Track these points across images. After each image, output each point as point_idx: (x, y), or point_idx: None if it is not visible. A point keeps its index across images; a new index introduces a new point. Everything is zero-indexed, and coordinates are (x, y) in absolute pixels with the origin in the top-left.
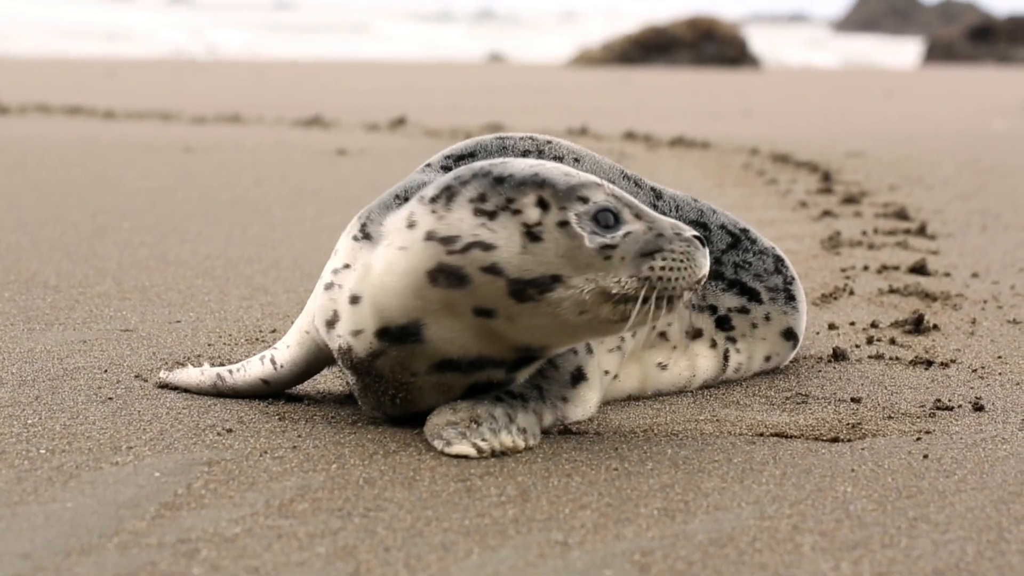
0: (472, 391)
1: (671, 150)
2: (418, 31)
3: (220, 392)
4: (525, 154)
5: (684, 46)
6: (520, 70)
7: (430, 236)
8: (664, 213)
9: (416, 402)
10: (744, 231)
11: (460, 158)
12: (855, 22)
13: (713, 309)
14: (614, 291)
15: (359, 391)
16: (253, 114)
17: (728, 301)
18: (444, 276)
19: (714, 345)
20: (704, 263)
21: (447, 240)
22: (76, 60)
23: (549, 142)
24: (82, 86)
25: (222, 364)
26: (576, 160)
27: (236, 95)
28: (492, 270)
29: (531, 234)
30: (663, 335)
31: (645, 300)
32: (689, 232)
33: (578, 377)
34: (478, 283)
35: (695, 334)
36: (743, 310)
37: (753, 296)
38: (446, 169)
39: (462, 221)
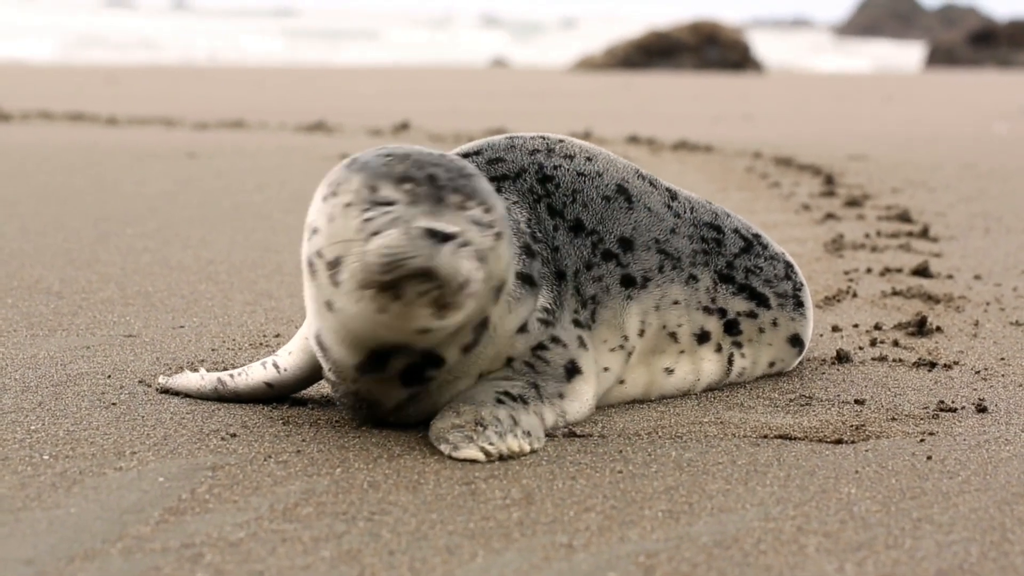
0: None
1: (674, 154)
2: (421, 36)
3: (221, 396)
4: (534, 153)
5: (686, 51)
6: (523, 75)
7: (306, 227)
8: (678, 215)
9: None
10: (756, 236)
11: (465, 156)
12: (857, 27)
13: (722, 312)
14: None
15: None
16: (256, 120)
17: (737, 305)
18: (307, 266)
19: (719, 349)
20: (418, 251)
21: (309, 229)
22: (77, 67)
23: (561, 141)
24: (84, 93)
25: (225, 369)
26: (589, 159)
27: (238, 101)
28: (319, 254)
29: (329, 213)
30: (673, 336)
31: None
32: (424, 223)
33: (572, 371)
34: (317, 268)
35: (703, 337)
36: (751, 315)
37: (762, 301)
38: None
39: (314, 209)
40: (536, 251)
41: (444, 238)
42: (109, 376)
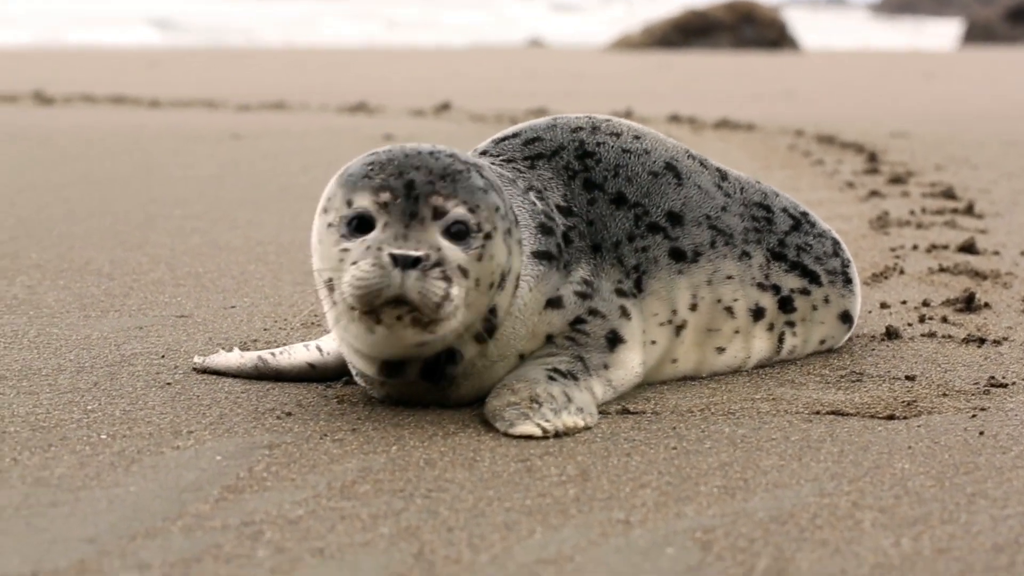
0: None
1: (716, 132)
2: (457, 16)
3: (262, 374)
4: (577, 131)
5: (723, 29)
6: (561, 55)
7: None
8: (728, 194)
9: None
10: (804, 214)
11: (503, 139)
12: (893, 4)
13: (776, 289)
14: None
15: None
16: (297, 101)
17: (791, 282)
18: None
19: (771, 328)
20: (386, 281)
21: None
22: (118, 50)
23: (608, 120)
24: (125, 76)
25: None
26: (636, 137)
27: (279, 82)
28: (319, 272)
29: (319, 233)
30: (729, 311)
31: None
32: (391, 250)
33: (614, 340)
34: (319, 285)
35: (759, 313)
36: (804, 292)
37: (813, 278)
38: (485, 153)
39: (315, 221)
40: (552, 228)
41: (413, 263)
42: (163, 356)
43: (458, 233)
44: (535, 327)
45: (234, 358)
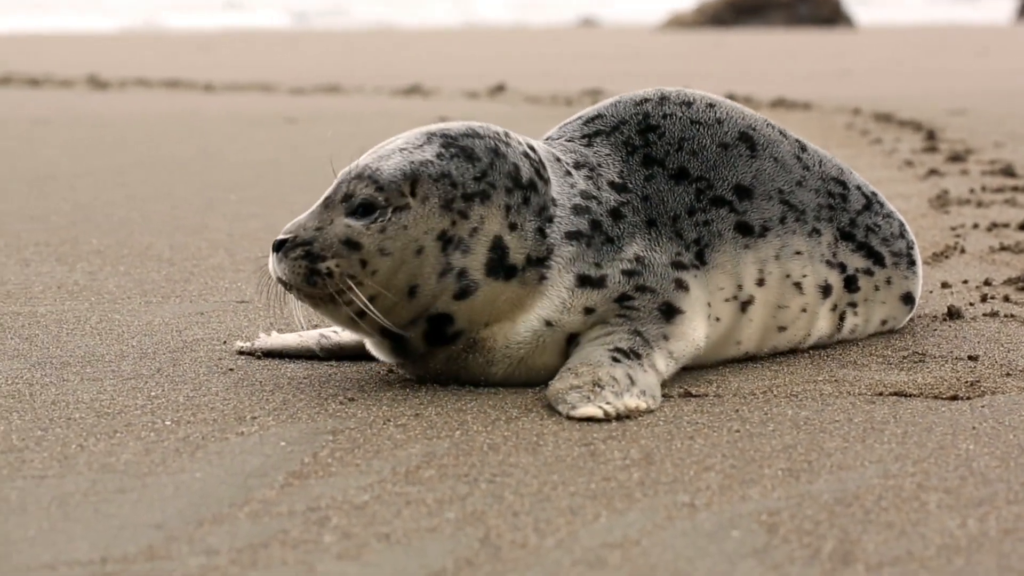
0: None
1: (772, 112)
2: None
3: (322, 348)
4: (642, 103)
5: (777, 7)
6: (613, 34)
7: None
8: (807, 167)
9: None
10: (874, 193)
11: (567, 123)
12: None
13: (843, 267)
14: None
15: None
16: (351, 84)
17: (856, 262)
18: None
19: (835, 308)
20: (274, 267)
21: None
22: (170, 33)
23: (680, 91)
24: (179, 59)
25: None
26: (711, 105)
27: (332, 65)
28: None
29: None
30: (798, 286)
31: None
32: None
33: (670, 312)
34: None
35: (827, 290)
36: (868, 272)
37: (878, 260)
38: (549, 138)
39: None
40: (589, 207)
41: (277, 246)
42: (224, 342)
43: (364, 211)
44: (569, 302)
45: (292, 338)
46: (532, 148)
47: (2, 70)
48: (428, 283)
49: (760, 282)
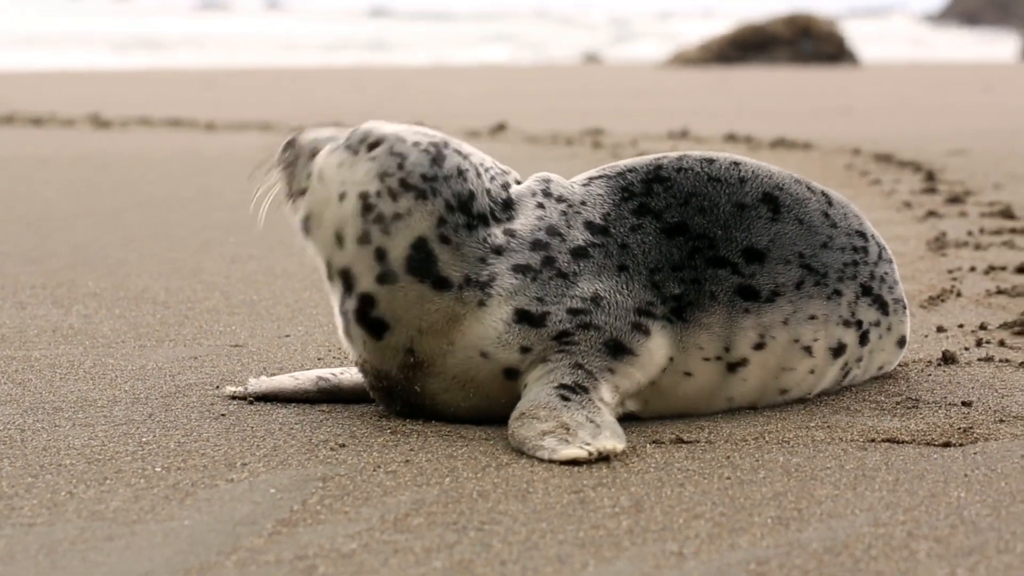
0: None
1: (773, 152)
2: (512, 31)
3: (320, 391)
4: (660, 157)
5: (781, 44)
6: (617, 71)
7: None
8: (835, 223)
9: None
10: (875, 236)
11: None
12: (954, 14)
13: (859, 324)
14: None
15: None
16: (354, 122)
17: (871, 316)
18: None
19: (844, 365)
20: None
21: None
22: (174, 71)
23: (707, 153)
24: (182, 97)
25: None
26: (735, 164)
27: (334, 102)
28: None
29: None
30: (807, 350)
31: None
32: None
33: (617, 350)
34: None
35: (839, 350)
36: (877, 324)
37: (885, 309)
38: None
39: None
40: (547, 243)
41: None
42: (217, 387)
43: (343, 145)
44: (505, 337)
45: (288, 381)
46: (505, 187)
47: (6, 109)
48: (349, 241)
49: (759, 346)
